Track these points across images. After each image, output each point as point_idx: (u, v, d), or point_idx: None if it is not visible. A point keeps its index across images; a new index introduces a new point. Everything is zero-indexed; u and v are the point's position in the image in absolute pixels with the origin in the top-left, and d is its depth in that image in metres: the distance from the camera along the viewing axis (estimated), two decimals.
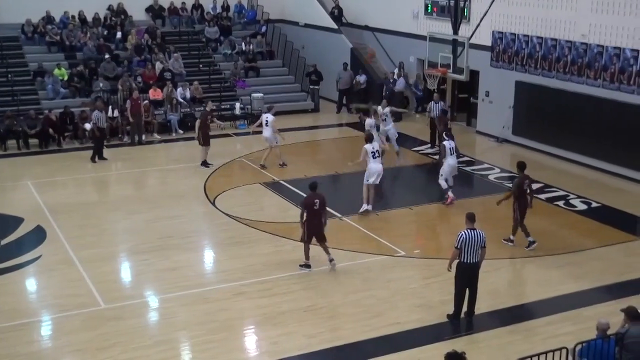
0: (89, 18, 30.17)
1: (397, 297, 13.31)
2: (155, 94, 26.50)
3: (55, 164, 22.26)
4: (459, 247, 11.98)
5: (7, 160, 22.67)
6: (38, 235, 16.28)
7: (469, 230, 12.05)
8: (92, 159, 22.04)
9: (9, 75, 26.63)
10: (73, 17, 29.93)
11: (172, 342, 11.91)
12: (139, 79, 27.31)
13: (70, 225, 16.82)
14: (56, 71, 26.78)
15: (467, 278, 12.18)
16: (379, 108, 21.96)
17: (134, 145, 24.05)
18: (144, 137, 24.60)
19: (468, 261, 12.02)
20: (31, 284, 14.35)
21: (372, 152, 17.38)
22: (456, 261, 12.19)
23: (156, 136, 25.12)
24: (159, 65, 28.02)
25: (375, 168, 17.36)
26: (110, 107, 24.94)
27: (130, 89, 25.63)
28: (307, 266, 14.35)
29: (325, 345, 11.64)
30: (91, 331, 12.13)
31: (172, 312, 12.94)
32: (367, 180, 17.45)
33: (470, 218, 12.24)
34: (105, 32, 29.66)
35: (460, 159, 21.95)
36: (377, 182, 17.58)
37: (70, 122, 24.50)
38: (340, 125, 27.40)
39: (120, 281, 14.57)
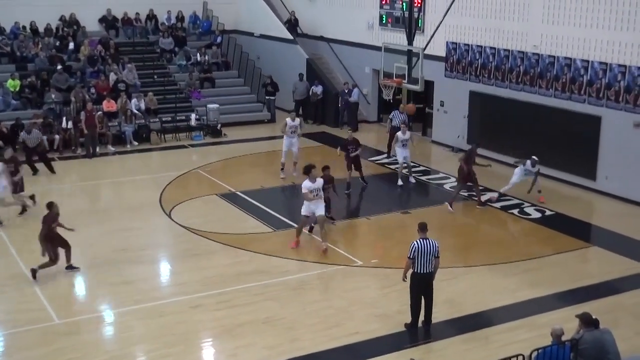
0: (41, 29, 29.71)
1: (355, 307, 13.30)
2: (109, 105, 26.16)
3: None
4: (411, 257, 12.04)
5: None
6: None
7: (421, 240, 12.12)
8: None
9: None
10: (24, 27, 29.45)
11: (128, 357, 11.73)
12: (93, 90, 26.97)
13: (21, 239, 16.49)
14: (9, 82, 26.28)
15: (421, 287, 12.23)
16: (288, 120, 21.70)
17: (89, 158, 23.71)
18: (98, 149, 24.26)
19: (421, 271, 12.09)
20: None
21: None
22: (410, 271, 12.23)
23: (110, 148, 24.79)
24: (112, 77, 27.71)
25: None
26: (63, 118, 24.65)
27: (83, 101, 25.28)
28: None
29: (284, 357, 11.56)
30: (46, 347, 11.89)
31: (128, 326, 12.75)
32: None
33: (422, 228, 12.31)
34: (58, 43, 29.23)
35: (416, 169, 22.20)
36: None
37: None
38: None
39: (74, 295, 14.34)
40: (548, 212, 18.59)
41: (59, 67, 27.31)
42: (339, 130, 27.36)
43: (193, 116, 27.11)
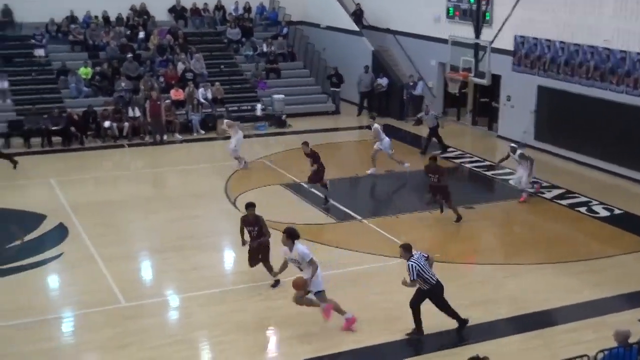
0: (112, 18, 30.38)
1: None
2: (176, 94, 26.63)
3: (77, 162, 22.46)
4: (415, 277, 11.59)
5: (31, 157, 22.85)
6: (60, 232, 16.41)
7: (414, 259, 11.64)
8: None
9: (33, 74, 26.93)
10: (96, 17, 30.15)
11: (189, 342, 11.95)
12: (161, 79, 27.47)
13: (91, 223, 16.93)
14: (82, 70, 26.99)
15: (433, 297, 11.89)
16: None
17: (156, 145, 24.18)
18: (165, 136, 24.73)
19: (432, 282, 11.74)
20: (53, 281, 14.47)
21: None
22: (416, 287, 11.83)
23: (177, 136, 25.23)
24: (180, 66, 28.15)
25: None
26: (130, 107, 25.22)
27: (151, 89, 25.78)
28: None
29: (343, 348, 11.63)
30: (111, 329, 12.20)
31: (191, 312, 13.00)
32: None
33: (407, 249, 11.80)
34: (128, 32, 29.85)
35: (481, 164, 21.96)
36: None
37: (92, 121, 24.69)
38: (361, 127, 27.34)
39: (140, 279, 14.67)
40: (616, 211, 18.17)
41: (129, 55, 27.88)
42: (403, 123, 27.27)
43: (258, 106, 27.37)
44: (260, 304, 13.21)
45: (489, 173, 21.44)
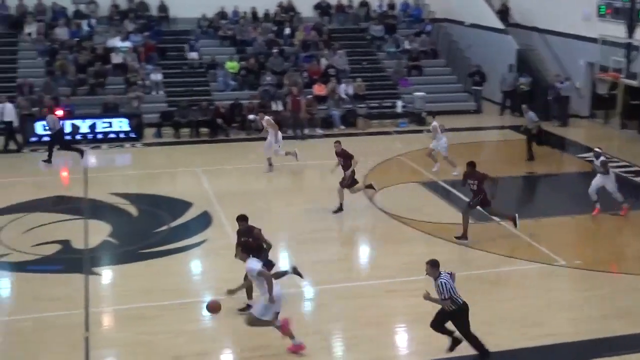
0: (260, 14, 31.30)
1: (552, 308, 12.94)
2: (319, 89, 27.12)
3: (222, 153, 23.35)
4: (448, 296, 10.87)
5: (180, 147, 24.00)
6: (204, 220, 17.12)
7: (443, 276, 10.96)
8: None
9: (184, 67, 28.22)
10: (244, 13, 31.15)
11: (321, 334, 12.18)
12: (305, 74, 28.04)
13: (234, 212, 17.45)
14: (228, 64, 28.01)
15: (461, 319, 11.04)
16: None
17: (297, 139, 24.73)
18: (306, 131, 25.24)
19: (461, 301, 11.01)
20: (196, 266, 15.17)
21: None
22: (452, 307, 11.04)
23: (318, 131, 25.69)
24: (324, 62, 28.62)
25: None
26: (273, 101, 25.94)
27: (294, 84, 26.38)
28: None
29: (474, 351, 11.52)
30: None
31: (324, 304, 13.25)
32: None
33: (434, 264, 11.04)
34: (275, 28, 30.64)
35: (630, 169, 21.06)
36: None
37: (238, 113, 25.56)
38: (503, 127, 26.86)
39: (277, 269, 15.05)
40: None
41: (275, 50, 28.63)
42: (548, 125, 26.51)
43: (399, 103, 27.40)
44: (395, 300, 13.28)
45: (638, 179, 20.51)
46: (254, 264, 11.27)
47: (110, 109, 25.31)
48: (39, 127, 23.91)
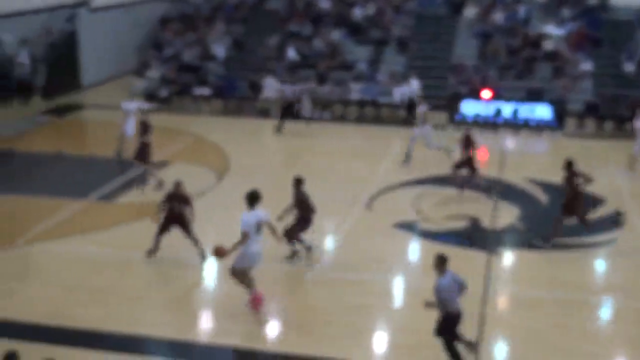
0: None
1: None
2: None
3: None
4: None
5: (601, 142, 23.21)
6: (615, 219, 16.33)
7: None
8: None
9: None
10: None
11: None
12: None
13: None
14: None
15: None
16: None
17: None
18: None
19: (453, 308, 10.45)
20: (600, 265, 14.73)
21: None
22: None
23: None
24: None
25: None
26: None
27: None
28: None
29: None
30: None
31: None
32: None
33: (440, 262, 10.44)
34: None
35: None
36: None
37: None
38: None
39: None
40: None
41: None
42: None
43: None
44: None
45: None
46: (245, 217, 11.79)
47: (535, 95, 25.40)
48: (465, 106, 25.09)
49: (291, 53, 28.60)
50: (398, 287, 13.72)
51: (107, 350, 11.27)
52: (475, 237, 15.72)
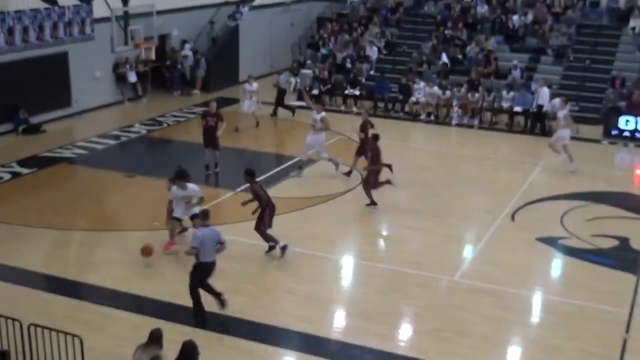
0: None
1: None
2: None
3: None
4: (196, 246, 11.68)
5: None
6: None
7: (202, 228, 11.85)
8: None
9: None
10: None
11: None
12: None
13: None
14: None
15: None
16: None
17: None
18: None
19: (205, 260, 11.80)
20: None
21: None
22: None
23: None
24: None
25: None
26: None
27: None
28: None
29: None
30: None
31: None
32: None
33: (203, 215, 12.08)
34: None
35: None
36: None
37: None
38: None
39: None
40: None
41: None
42: None
43: None
44: None
45: None
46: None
47: None
48: (622, 121, 24.00)
49: (444, 58, 28.43)
50: (536, 304, 13.40)
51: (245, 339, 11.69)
52: (623, 258, 15.07)
